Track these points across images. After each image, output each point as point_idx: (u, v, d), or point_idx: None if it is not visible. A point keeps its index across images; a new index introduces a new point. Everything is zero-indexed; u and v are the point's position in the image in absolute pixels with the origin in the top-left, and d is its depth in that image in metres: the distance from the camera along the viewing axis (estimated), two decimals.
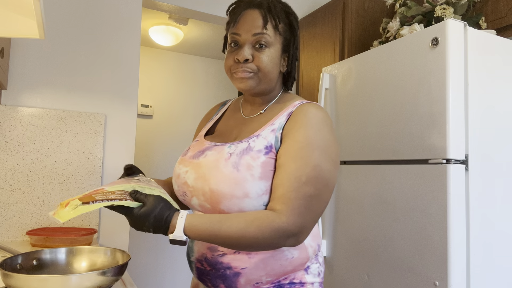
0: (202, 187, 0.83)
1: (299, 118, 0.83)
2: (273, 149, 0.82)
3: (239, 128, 0.94)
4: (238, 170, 0.79)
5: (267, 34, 0.85)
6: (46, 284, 0.69)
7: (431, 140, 1.28)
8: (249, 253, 0.82)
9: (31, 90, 1.64)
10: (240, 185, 0.78)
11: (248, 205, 0.79)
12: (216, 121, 1.03)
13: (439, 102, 1.27)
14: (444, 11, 1.51)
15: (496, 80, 1.36)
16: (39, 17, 0.80)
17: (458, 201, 1.22)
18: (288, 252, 0.84)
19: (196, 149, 0.92)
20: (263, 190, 0.79)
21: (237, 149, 0.83)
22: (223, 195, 0.79)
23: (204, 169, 0.84)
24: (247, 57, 0.85)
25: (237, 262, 0.82)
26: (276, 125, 0.85)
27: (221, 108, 1.06)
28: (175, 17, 2.59)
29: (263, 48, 0.85)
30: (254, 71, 0.86)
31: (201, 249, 0.87)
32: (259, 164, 0.80)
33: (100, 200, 0.69)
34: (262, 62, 0.85)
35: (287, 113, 0.86)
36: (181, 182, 0.89)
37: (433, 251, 1.24)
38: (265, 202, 0.80)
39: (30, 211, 1.58)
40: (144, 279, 3.15)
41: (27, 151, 1.59)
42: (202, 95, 3.54)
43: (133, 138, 1.82)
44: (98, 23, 1.78)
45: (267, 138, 0.83)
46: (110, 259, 0.89)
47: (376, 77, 1.55)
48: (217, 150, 0.86)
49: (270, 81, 0.89)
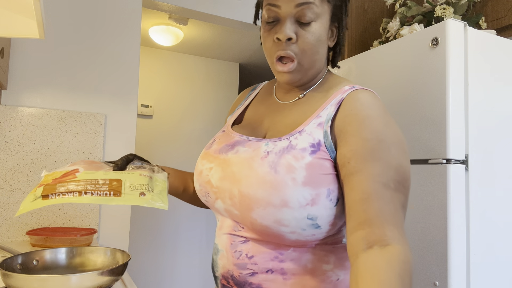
0: (230, 188, 0.68)
1: (356, 109, 0.66)
2: (323, 147, 0.66)
3: (271, 117, 0.78)
4: (276, 172, 0.64)
5: (314, 3, 0.69)
6: (46, 284, 0.69)
7: (431, 140, 1.28)
8: (284, 274, 0.67)
9: (31, 90, 1.64)
10: (278, 190, 0.63)
11: (287, 216, 0.62)
12: (245, 108, 0.86)
13: (439, 102, 1.27)
14: (444, 11, 1.51)
15: (496, 80, 1.36)
16: (39, 17, 0.80)
17: (458, 201, 1.22)
18: (332, 273, 0.69)
19: (223, 142, 0.76)
20: (307, 199, 0.62)
21: (276, 147, 0.67)
22: (256, 201, 0.64)
23: (233, 168, 0.69)
24: (290, 35, 0.69)
25: (270, 284, 0.68)
26: (324, 117, 0.68)
27: (251, 93, 0.89)
28: (175, 17, 2.59)
29: (309, 24, 0.69)
30: (297, 56, 0.71)
31: (227, 264, 0.72)
32: (303, 166, 0.64)
33: (60, 194, 0.67)
34: (308, 43, 0.69)
35: (337, 101, 0.69)
36: (203, 181, 0.74)
37: (433, 251, 1.24)
38: (309, 215, 0.63)
39: (30, 211, 1.58)
40: (144, 279, 3.15)
41: (27, 151, 1.59)
42: (202, 95, 3.54)
43: (133, 138, 1.82)
44: (98, 23, 1.78)
45: (313, 134, 0.67)
46: (110, 259, 0.89)
47: (376, 77, 1.55)
48: (251, 146, 0.71)
49: (316, 64, 0.73)
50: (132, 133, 1.82)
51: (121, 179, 0.71)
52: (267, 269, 0.68)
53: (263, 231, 0.66)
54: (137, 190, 0.70)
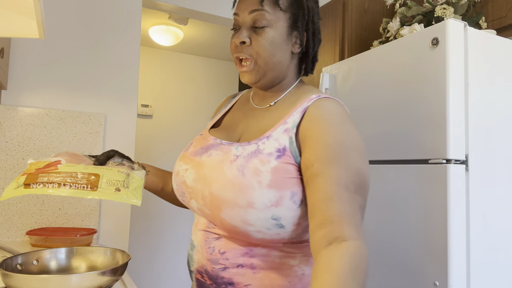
0: (202, 189, 0.73)
1: (319, 116, 0.71)
2: (287, 152, 0.70)
3: (245, 121, 0.83)
4: (244, 175, 0.68)
5: (265, 11, 0.75)
6: (46, 284, 0.69)
7: (431, 140, 1.28)
8: (254, 268, 0.73)
9: (31, 90, 1.64)
10: (244, 192, 0.67)
11: (252, 217, 0.67)
12: (224, 114, 0.93)
13: (439, 102, 1.27)
14: (444, 11, 1.51)
15: (496, 80, 1.36)
16: (39, 17, 0.80)
17: (458, 201, 1.22)
18: (298, 268, 0.74)
19: (199, 145, 0.82)
20: (272, 201, 0.67)
21: (245, 151, 0.72)
22: (224, 202, 0.69)
23: (205, 170, 0.74)
24: (243, 39, 0.76)
25: (241, 278, 0.73)
26: (290, 123, 0.73)
27: (232, 100, 0.95)
28: (175, 17, 2.59)
29: (262, 29, 0.76)
30: (253, 58, 0.77)
31: (201, 259, 0.77)
32: (269, 170, 0.68)
33: (41, 183, 0.70)
34: (260, 46, 0.75)
35: (302, 109, 0.74)
36: (180, 181, 0.80)
37: (433, 251, 1.24)
38: (273, 215, 0.67)
39: (30, 211, 1.58)
40: (144, 279, 3.15)
41: (27, 151, 1.59)
42: (202, 95, 3.54)
43: (133, 138, 1.82)
44: (98, 23, 1.78)
45: (279, 140, 0.72)
46: (110, 259, 0.89)
47: (376, 77, 1.55)
48: (223, 150, 0.76)
49: (275, 66, 0.78)
50: (132, 133, 1.82)
51: (99, 174, 0.74)
52: (237, 264, 0.73)
53: (232, 230, 0.71)
54: (113, 185, 0.73)
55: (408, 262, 1.33)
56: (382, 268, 1.43)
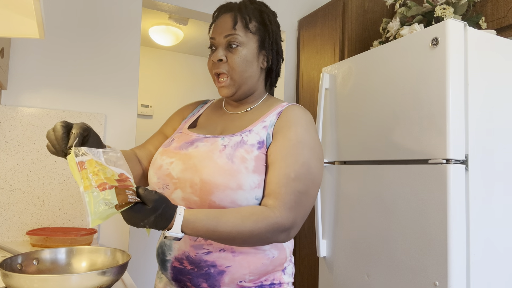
0: (192, 178, 0.82)
1: (290, 117, 0.88)
2: (265, 145, 0.86)
3: (224, 123, 0.96)
4: (233, 162, 0.82)
5: (237, 34, 0.91)
6: (46, 284, 0.69)
7: (431, 140, 1.28)
8: (233, 251, 0.84)
9: (31, 90, 1.64)
10: (234, 176, 0.80)
11: (240, 197, 0.80)
12: (197, 117, 1.03)
13: (439, 102, 1.27)
14: (444, 11, 1.51)
15: (496, 80, 1.36)
16: (39, 17, 0.80)
17: (458, 201, 1.23)
18: (269, 252, 0.87)
19: (182, 141, 0.92)
20: (255, 183, 0.82)
21: (231, 141, 0.86)
22: (216, 186, 0.80)
23: (194, 160, 0.84)
24: (220, 57, 0.91)
25: (222, 261, 0.83)
26: (268, 122, 0.89)
27: (202, 105, 1.08)
28: (175, 17, 2.59)
29: (235, 48, 0.90)
30: (229, 73, 0.91)
31: (183, 247, 0.85)
32: (253, 158, 0.83)
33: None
34: (234, 62, 0.90)
35: (277, 112, 0.91)
36: (163, 174, 0.87)
37: (433, 251, 1.24)
38: (256, 196, 0.82)
39: (30, 211, 1.58)
40: (144, 279, 3.15)
41: (27, 151, 1.59)
42: (202, 95, 3.54)
43: (133, 138, 1.82)
44: (98, 23, 1.78)
45: (260, 134, 0.87)
46: (110, 259, 0.89)
47: (376, 77, 1.55)
48: (209, 141, 0.88)
49: (248, 80, 0.93)
50: (132, 133, 1.82)
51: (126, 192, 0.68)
52: (220, 249, 0.84)
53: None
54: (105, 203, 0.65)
55: (408, 262, 1.33)
56: (382, 268, 1.43)
